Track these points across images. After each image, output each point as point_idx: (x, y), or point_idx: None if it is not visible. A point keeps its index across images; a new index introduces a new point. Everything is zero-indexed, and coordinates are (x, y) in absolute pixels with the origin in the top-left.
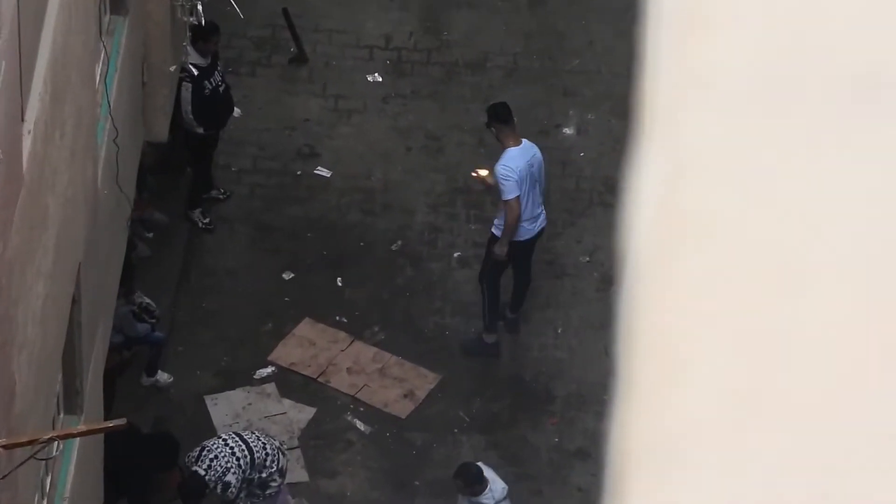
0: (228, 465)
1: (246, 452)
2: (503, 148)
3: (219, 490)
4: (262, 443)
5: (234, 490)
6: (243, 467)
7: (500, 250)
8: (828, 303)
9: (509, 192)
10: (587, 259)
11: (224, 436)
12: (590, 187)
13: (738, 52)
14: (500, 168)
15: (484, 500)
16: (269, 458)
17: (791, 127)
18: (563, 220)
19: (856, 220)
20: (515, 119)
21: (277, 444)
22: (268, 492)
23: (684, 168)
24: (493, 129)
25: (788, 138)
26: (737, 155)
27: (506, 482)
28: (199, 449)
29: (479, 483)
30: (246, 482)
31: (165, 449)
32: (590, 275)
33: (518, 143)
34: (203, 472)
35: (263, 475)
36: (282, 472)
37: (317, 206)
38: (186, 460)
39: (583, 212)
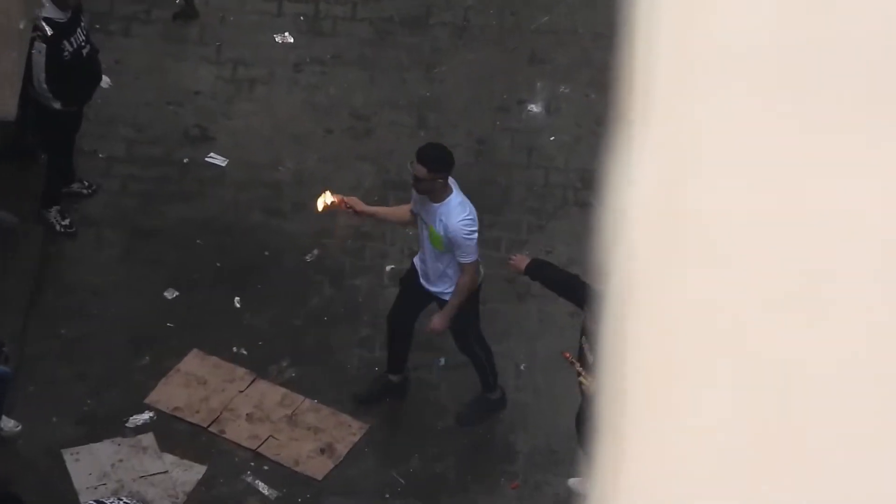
0: None
1: None
2: (438, 201)
3: None
4: None
5: None
6: None
7: (442, 325)
8: (849, 325)
9: (473, 253)
10: None
11: (90, 502)
12: (563, 181)
13: (752, 26)
14: (462, 225)
15: None
16: None
17: (813, 116)
18: (529, 225)
19: (880, 230)
20: (465, 97)
21: None
22: None
23: (685, 165)
24: (437, 180)
25: (809, 130)
26: (748, 150)
27: None
28: None
29: None
30: None
31: None
32: None
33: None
34: None
35: None
36: None
37: (209, 205)
38: None
39: (553, 213)
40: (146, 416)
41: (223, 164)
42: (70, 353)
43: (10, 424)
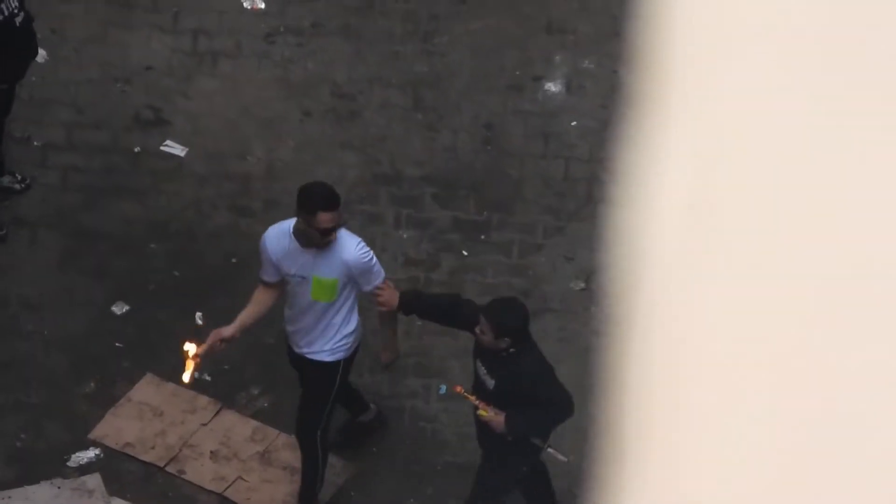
0: None
1: None
2: (330, 241)
3: None
4: None
5: None
6: None
7: (392, 357)
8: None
9: (381, 269)
10: (582, 285)
11: None
12: (586, 174)
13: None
14: (360, 249)
15: None
16: None
17: (858, 98)
18: (545, 226)
19: None
20: (469, 73)
21: None
22: None
23: (721, 153)
24: (333, 231)
25: (853, 113)
26: (795, 136)
27: None
28: None
29: None
30: None
31: None
32: (585, 309)
33: None
34: None
35: None
36: None
37: (165, 203)
38: None
39: (575, 212)
40: (91, 453)
41: (181, 154)
42: (1, 378)
43: None
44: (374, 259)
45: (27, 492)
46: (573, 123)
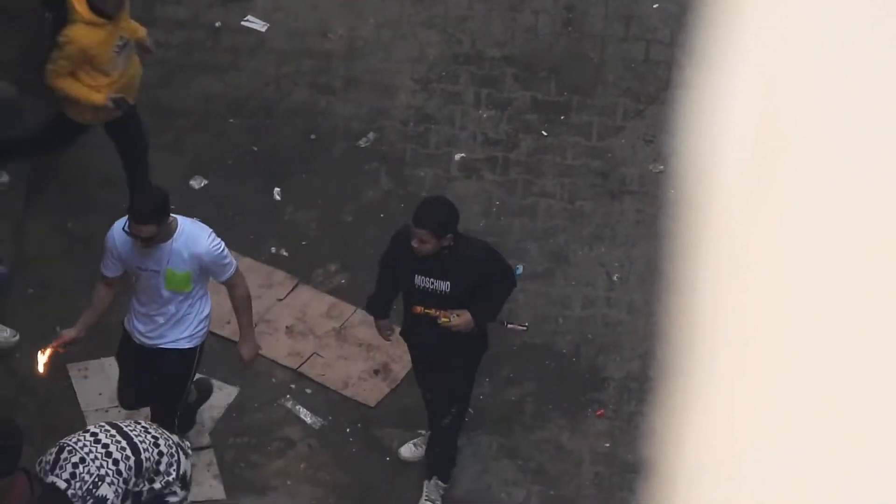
0: (103, 471)
1: (129, 453)
2: (167, 239)
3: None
4: (154, 437)
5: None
6: (125, 474)
7: (252, 352)
8: None
9: (233, 259)
10: (660, 168)
11: (95, 428)
12: (666, 57)
13: None
14: (212, 242)
15: None
16: (165, 461)
17: None
18: (625, 109)
19: None
20: None
21: (177, 439)
22: None
23: (788, 71)
24: (150, 240)
25: None
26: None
27: None
28: (56, 450)
29: None
30: (130, 497)
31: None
32: (663, 192)
33: None
34: (64, 485)
35: (157, 486)
36: (184, 482)
37: (244, 79)
38: (38, 467)
39: (655, 96)
40: None
41: (262, 30)
42: (77, 252)
43: (5, 334)
44: (226, 250)
45: (103, 364)
46: (655, 6)
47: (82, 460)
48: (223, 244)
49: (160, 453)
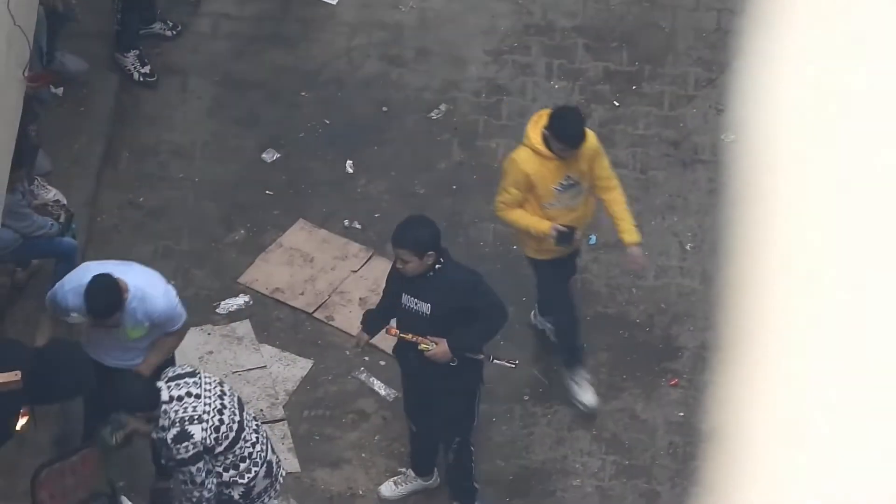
0: (206, 417)
1: (235, 427)
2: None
3: (168, 438)
4: (258, 442)
5: (187, 450)
6: (219, 438)
7: (150, 369)
8: None
9: (183, 314)
10: (732, 137)
11: (227, 386)
12: (738, 26)
13: None
14: (168, 298)
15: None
16: (246, 465)
17: None
18: (697, 78)
19: None
20: None
21: (253, 415)
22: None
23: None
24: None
25: None
26: None
27: (603, 478)
28: (189, 371)
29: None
30: (204, 458)
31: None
32: (735, 161)
33: None
34: (166, 398)
35: (225, 477)
36: (269, 469)
37: (316, 52)
38: (165, 372)
39: (727, 65)
40: (241, 300)
41: (333, 2)
42: (149, 224)
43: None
44: (178, 302)
45: None
46: None
47: (198, 396)
48: (175, 295)
49: (250, 455)
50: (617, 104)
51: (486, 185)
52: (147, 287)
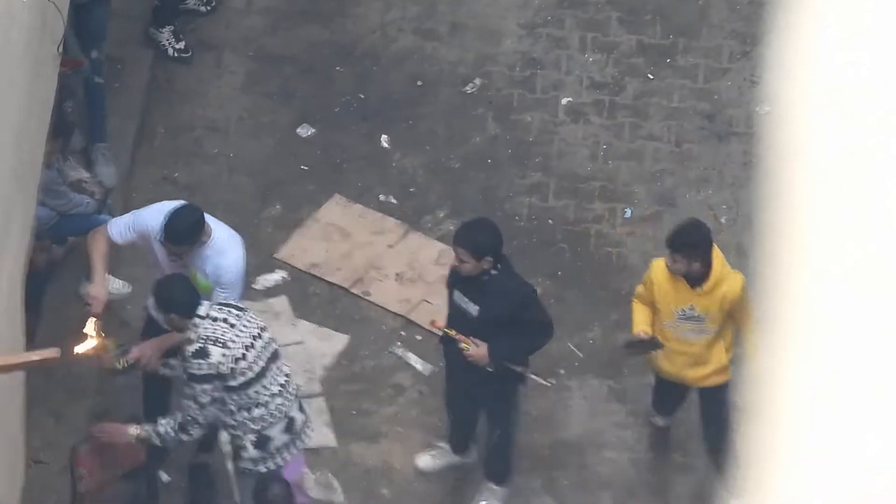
0: (232, 343)
1: (261, 364)
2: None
3: (189, 350)
4: (285, 388)
5: (200, 367)
6: (241, 368)
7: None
8: None
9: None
10: (767, 109)
11: (264, 322)
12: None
13: None
14: (235, 273)
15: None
16: (260, 412)
17: None
18: (731, 51)
19: None
20: None
21: (287, 376)
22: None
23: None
24: (178, 256)
25: None
26: None
27: (638, 451)
28: (236, 306)
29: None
30: (221, 389)
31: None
32: (771, 134)
33: None
34: (203, 314)
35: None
36: (264, 445)
37: (350, 26)
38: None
39: (761, 37)
40: (278, 275)
41: None
42: (184, 200)
43: (116, 285)
44: (239, 282)
45: None
46: None
47: (233, 325)
48: (244, 267)
49: (266, 404)
50: (651, 77)
51: (520, 158)
52: (228, 245)
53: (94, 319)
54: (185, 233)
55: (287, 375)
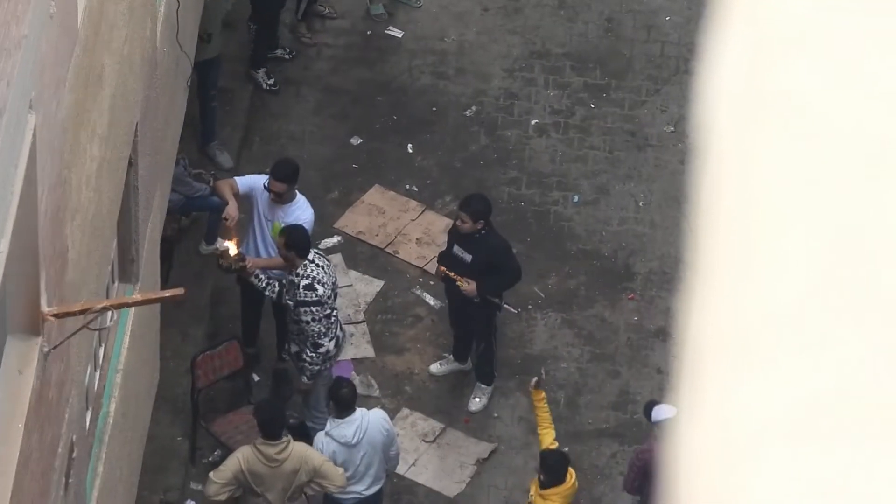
0: (325, 278)
1: (337, 294)
2: (288, 201)
3: (301, 284)
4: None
5: (307, 296)
6: (330, 298)
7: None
8: None
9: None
10: (671, 129)
11: (330, 263)
12: (676, 53)
13: None
14: (307, 220)
15: (343, 430)
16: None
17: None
18: (647, 89)
19: None
20: None
21: (336, 301)
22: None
23: (767, 41)
24: (280, 195)
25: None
26: (825, 29)
27: (582, 362)
28: (323, 255)
29: (347, 409)
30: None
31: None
32: (674, 146)
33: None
34: (312, 256)
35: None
36: (337, 341)
37: (387, 69)
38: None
39: (668, 79)
40: (335, 239)
41: (399, 36)
42: None
43: (224, 245)
44: (310, 230)
45: None
46: (667, 18)
47: (327, 272)
48: (311, 225)
49: (333, 322)
50: (593, 106)
51: (502, 161)
52: (306, 206)
53: (231, 230)
54: (286, 172)
55: (335, 310)
